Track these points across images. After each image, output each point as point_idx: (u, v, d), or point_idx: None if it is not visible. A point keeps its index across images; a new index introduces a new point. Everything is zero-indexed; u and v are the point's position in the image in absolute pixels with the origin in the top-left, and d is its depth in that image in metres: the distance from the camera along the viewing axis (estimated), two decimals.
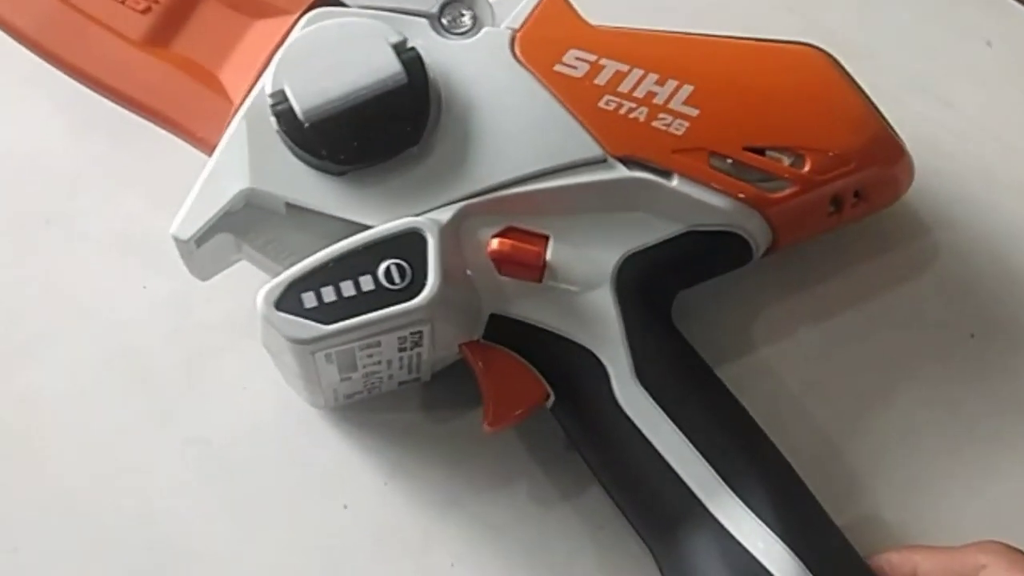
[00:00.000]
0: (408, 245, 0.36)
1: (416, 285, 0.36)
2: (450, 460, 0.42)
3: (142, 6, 0.40)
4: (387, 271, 0.36)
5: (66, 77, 0.40)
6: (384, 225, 0.36)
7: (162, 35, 0.40)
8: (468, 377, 0.41)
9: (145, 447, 0.42)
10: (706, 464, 0.37)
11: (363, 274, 0.36)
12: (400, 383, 0.41)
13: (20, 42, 0.41)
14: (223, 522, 0.41)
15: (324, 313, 0.35)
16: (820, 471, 0.39)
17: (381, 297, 0.35)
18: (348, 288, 0.35)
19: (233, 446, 0.42)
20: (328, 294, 0.35)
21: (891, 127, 0.41)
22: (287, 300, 0.35)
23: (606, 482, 0.39)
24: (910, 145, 0.42)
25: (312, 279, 0.35)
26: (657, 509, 0.37)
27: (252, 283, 0.38)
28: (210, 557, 0.41)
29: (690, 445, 0.37)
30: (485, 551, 0.41)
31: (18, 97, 0.47)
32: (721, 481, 0.36)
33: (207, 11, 0.40)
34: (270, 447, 0.43)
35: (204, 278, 0.41)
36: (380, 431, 0.43)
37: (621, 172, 0.39)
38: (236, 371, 0.43)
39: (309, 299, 0.35)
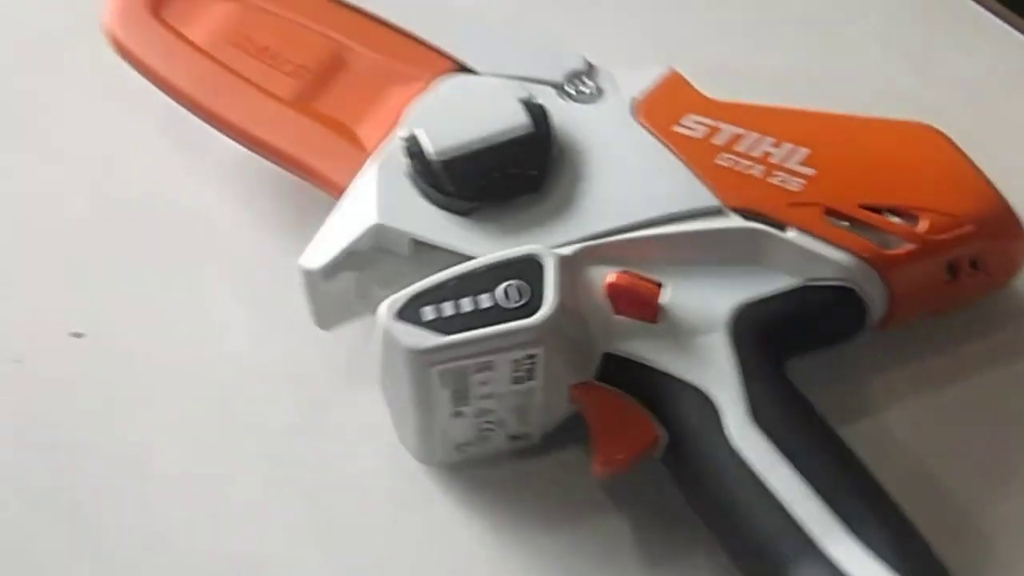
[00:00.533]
0: (527, 269, 0.37)
1: (533, 305, 0.36)
2: (558, 523, 0.41)
3: (288, 68, 0.43)
4: (505, 291, 0.37)
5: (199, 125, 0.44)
6: (504, 251, 0.37)
7: (307, 95, 0.43)
8: (576, 441, 0.41)
9: (253, 498, 0.42)
10: (825, 507, 0.35)
11: (482, 292, 0.37)
12: (510, 437, 0.41)
13: (178, 101, 0.44)
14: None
15: (442, 325, 0.36)
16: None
17: (498, 314, 0.36)
18: (467, 304, 0.36)
19: (341, 502, 0.42)
20: (447, 309, 0.36)
21: (1009, 205, 0.42)
22: (407, 312, 0.36)
23: (718, 529, 0.38)
24: None
25: (433, 294, 0.37)
26: (773, 553, 0.36)
27: (364, 339, 0.39)
28: None
29: (808, 487, 0.36)
30: None
31: (152, 145, 0.50)
32: (841, 524, 0.35)
33: (348, 77, 0.44)
34: (377, 505, 0.42)
35: (325, 326, 0.42)
36: (487, 492, 0.42)
37: (737, 222, 0.39)
38: (347, 427, 0.44)
39: (428, 312, 0.36)
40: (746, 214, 0.40)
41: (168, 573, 0.41)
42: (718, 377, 0.38)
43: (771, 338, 0.39)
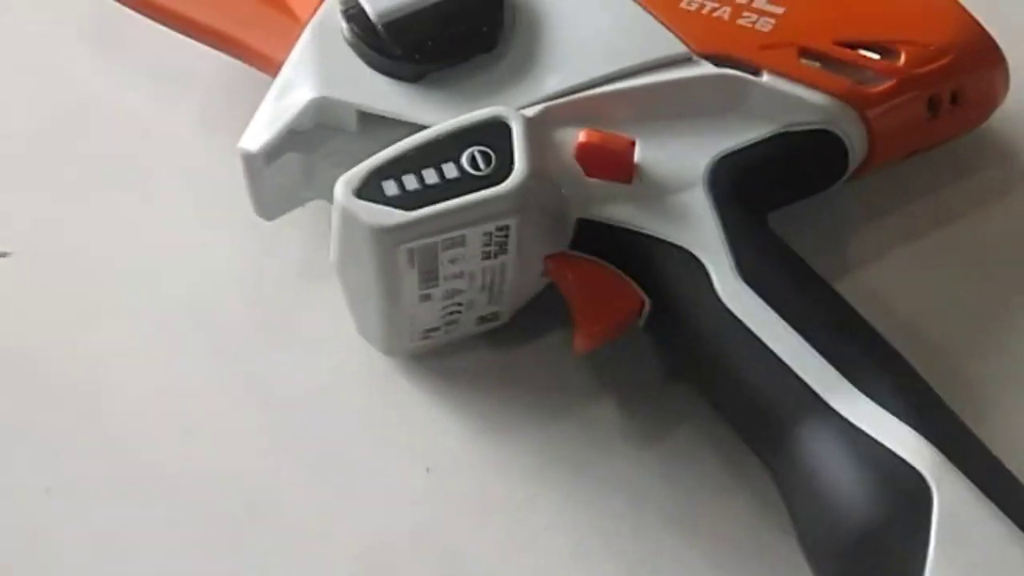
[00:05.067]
0: (492, 132, 0.34)
1: (502, 171, 0.33)
2: (540, 409, 0.39)
3: None
4: (471, 157, 0.34)
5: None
6: (466, 115, 0.34)
7: None
8: (555, 324, 0.39)
9: (217, 409, 0.39)
10: (822, 359, 0.34)
11: (446, 161, 0.34)
12: (479, 318, 0.38)
13: None
14: (299, 488, 0.38)
15: (407, 200, 0.33)
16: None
17: (466, 183, 0.33)
18: (431, 175, 0.33)
19: (308, 407, 0.39)
20: (410, 182, 0.33)
21: (986, 31, 0.39)
22: (368, 188, 0.33)
23: (715, 394, 0.36)
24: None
25: (393, 167, 0.33)
26: (775, 412, 0.34)
27: (317, 234, 0.37)
28: (287, 523, 0.37)
29: (803, 340, 0.34)
30: (583, 514, 0.37)
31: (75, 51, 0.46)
32: (840, 375, 0.33)
33: None
34: (346, 408, 0.39)
35: (269, 215, 0.39)
36: (462, 382, 0.40)
37: (708, 69, 0.37)
38: (308, 328, 0.41)
39: (390, 187, 0.33)
40: (717, 60, 0.37)
41: (134, 495, 0.38)
42: (700, 234, 0.36)
43: (751, 189, 0.37)
